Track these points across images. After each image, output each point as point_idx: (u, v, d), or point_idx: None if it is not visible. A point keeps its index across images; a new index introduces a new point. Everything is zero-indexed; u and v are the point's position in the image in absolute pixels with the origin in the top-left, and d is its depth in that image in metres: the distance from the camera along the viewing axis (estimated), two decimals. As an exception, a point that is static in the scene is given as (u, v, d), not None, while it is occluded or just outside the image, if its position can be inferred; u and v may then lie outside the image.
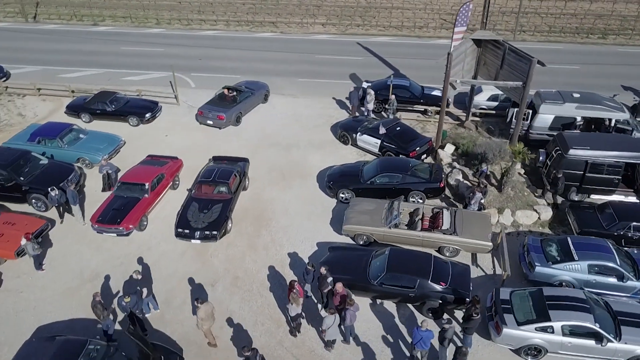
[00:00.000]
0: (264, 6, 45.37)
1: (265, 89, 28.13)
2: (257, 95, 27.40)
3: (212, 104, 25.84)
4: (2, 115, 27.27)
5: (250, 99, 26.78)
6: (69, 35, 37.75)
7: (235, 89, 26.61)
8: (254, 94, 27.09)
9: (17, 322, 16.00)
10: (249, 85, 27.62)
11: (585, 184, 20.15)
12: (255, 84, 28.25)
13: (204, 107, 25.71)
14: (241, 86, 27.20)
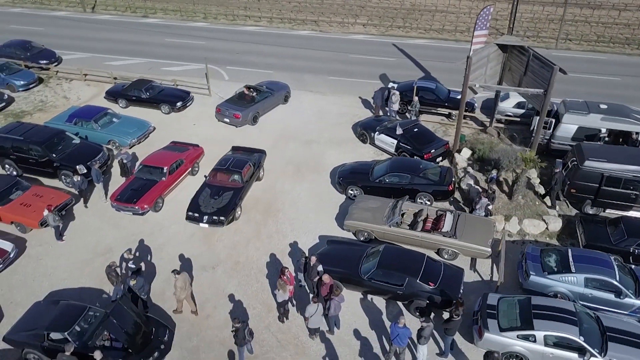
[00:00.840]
0: (309, 5, 46.08)
1: (285, 90, 28.22)
2: (277, 96, 27.58)
3: (231, 102, 26.27)
4: (48, 97, 29.28)
5: (269, 100, 27.03)
6: (120, 25, 39.79)
7: (256, 89, 27.00)
8: (273, 94, 27.26)
9: (33, 286, 17.36)
10: (270, 86, 27.81)
11: (601, 198, 19.57)
12: (276, 84, 28.46)
13: (222, 105, 26.19)
14: (262, 86, 27.52)
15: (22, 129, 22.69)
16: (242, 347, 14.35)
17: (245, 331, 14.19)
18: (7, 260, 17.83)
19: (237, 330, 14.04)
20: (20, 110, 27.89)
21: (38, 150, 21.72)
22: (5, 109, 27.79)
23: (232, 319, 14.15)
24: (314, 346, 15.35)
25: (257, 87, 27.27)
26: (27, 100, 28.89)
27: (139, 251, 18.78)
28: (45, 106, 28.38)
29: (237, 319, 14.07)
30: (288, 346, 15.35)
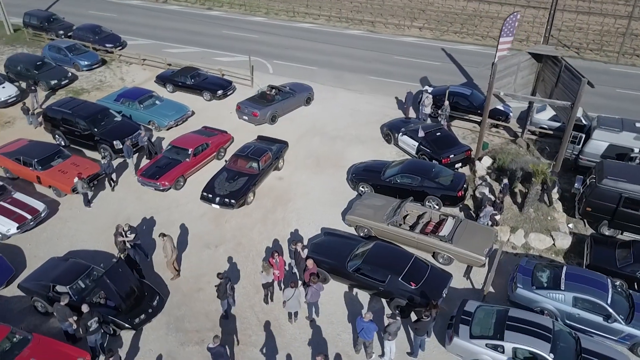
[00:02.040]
0: (370, 5, 46.38)
1: (308, 91, 28.32)
2: (298, 98, 27.66)
3: (251, 100, 26.67)
4: (107, 78, 31.74)
5: (289, 100, 27.18)
6: (185, 16, 42.09)
7: (278, 89, 27.49)
8: (294, 96, 27.44)
9: (56, 244, 19.20)
10: (293, 87, 28.13)
11: (618, 219, 18.67)
12: (300, 86, 28.71)
13: (242, 103, 26.58)
14: (285, 87, 27.96)
15: (72, 103, 24.93)
16: (224, 301, 15.49)
17: (227, 286, 15.37)
18: (38, 218, 19.80)
19: (220, 284, 15.18)
20: (81, 88, 30.48)
21: (82, 124, 23.79)
22: (68, 85, 30.47)
23: (217, 275, 15.39)
24: (291, 329, 15.95)
25: (280, 88, 27.63)
26: (88, 79, 31.49)
27: (152, 224, 20.19)
28: (102, 86, 30.81)
29: (220, 274, 15.31)
30: (266, 329, 16.03)
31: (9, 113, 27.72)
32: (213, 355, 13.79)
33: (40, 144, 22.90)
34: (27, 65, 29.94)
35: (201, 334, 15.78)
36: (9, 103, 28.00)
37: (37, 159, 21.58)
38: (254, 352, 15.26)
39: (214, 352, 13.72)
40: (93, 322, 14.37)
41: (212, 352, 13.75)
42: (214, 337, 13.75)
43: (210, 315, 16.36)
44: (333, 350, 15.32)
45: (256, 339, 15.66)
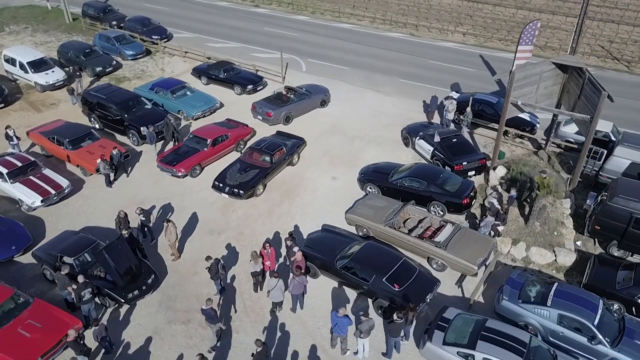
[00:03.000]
0: (417, 9, 46.06)
1: (324, 94, 28.39)
2: (314, 99, 27.79)
3: (267, 100, 27.04)
4: (149, 67, 33.37)
5: (304, 102, 27.37)
6: (231, 12, 43.42)
7: (294, 91, 27.80)
8: (310, 97, 27.60)
9: (74, 219, 20.56)
10: (309, 89, 28.33)
11: (627, 240, 17.88)
12: (316, 88, 28.80)
13: (258, 103, 26.92)
14: (302, 88, 28.23)
15: (107, 90, 26.47)
16: (216, 281, 16.31)
17: (219, 266, 16.17)
18: (62, 194, 21.25)
19: (211, 265, 16.03)
20: (123, 76, 32.22)
21: (114, 109, 25.23)
22: (112, 73, 32.27)
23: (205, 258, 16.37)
24: (274, 319, 16.39)
25: (296, 89, 27.93)
26: (131, 68, 33.22)
27: (164, 208, 21.21)
28: (143, 75, 32.43)
29: (210, 256, 16.28)
30: (251, 313, 16.58)
31: (56, 95, 29.74)
32: (205, 315, 14.79)
33: (74, 125, 24.49)
34: (77, 52, 31.96)
35: (189, 314, 16.52)
36: (57, 86, 30.04)
37: (68, 139, 23.14)
38: (235, 337, 15.82)
39: (206, 313, 14.77)
40: (86, 293, 15.40)
41: (204, 313, 14.79)
42: (207, 300, 14.80)
43: (200, 298, 17.05)
44: (310, 342, 15.64)
45: (239, 325, 16.21)
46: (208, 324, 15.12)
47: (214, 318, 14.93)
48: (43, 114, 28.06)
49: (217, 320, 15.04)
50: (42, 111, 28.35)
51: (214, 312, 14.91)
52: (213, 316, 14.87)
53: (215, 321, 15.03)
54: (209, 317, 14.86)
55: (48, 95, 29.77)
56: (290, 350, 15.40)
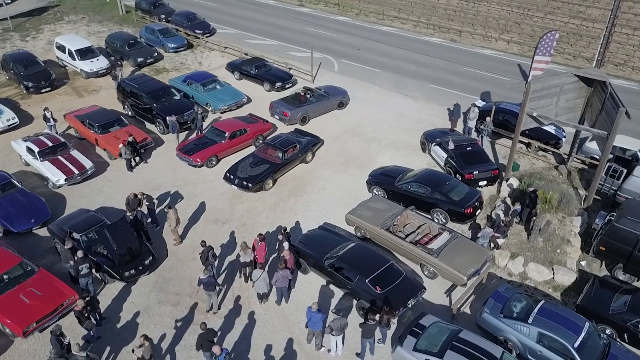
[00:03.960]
0: (464, 14, 45.25)
1: (342, 95, 28.46)
2: (331, 101, 27.89)
3: (284, 100, 27.33)
4: (188, 60, 34.68)
5: (322, 103, 27.51)
6: (275, 10, 44.22)
7: (313, 92, 27.94)
8: (327, 99, 27.75)
9: (93, 199, 21.81)
10: (328, 90, 28.42)
11: (633, 264, 17.07)
12: (335, 89, 28.85)
13: (276, 102, 27.22)
14: (320, 89, 28.38)
15: (141, 79, 27.82)
16: (207, 267, 16.90)
17: (209, 253, 16.78)
18: (85, 174, 22.57)
19: (202, 252, 16.70)
20: (162, 67, 33.67)
21: (144, 98, 26.48)
22: (152, 64, 33.78)
23: (200, 243, 17.12)
24: (257, 309, 16.84)
25: (314, 90, 28.10)
26: (171, 60, 34.65)
27: (175, 195, 22.11)
28: (181, 67, 33.75)
29: (204, 242, 16.96)
30: (237, 303, 17.09)
31: (98, 82, 31.48)
32: (204, 285, 15.86)
33: (105, 111, 25.91)
34: (122, 42, 33.68)
35: (179, 297, 17.25)
36: (100, 74, 31.78)
37: (98, 124, 24.53)
38: (217, 322, 16.38)
39: (204, 282, 15.79)
40: (84, 267, 16.40)
41: (203, 282, 15.81)
42: (204, 269, 16.07)
43: (193, 283, 17.72)
44: (288, 336, 15.97)
45: (224, 311, 16.77)
46: (206, 292, 16.19)
47: (212, 286, 16.03)
48: (84, 99, 29.79)
49: (214, 287, 16.14)
50: (84, 96, 30.10)
51: (213, 280, 15.96)
52: (212, 284, 15.95)
53: (213, 289, 16.14)
54: (206, 286, 15.91)
55: (91, 81, 31.56)
56: (267, 342, 15.78)
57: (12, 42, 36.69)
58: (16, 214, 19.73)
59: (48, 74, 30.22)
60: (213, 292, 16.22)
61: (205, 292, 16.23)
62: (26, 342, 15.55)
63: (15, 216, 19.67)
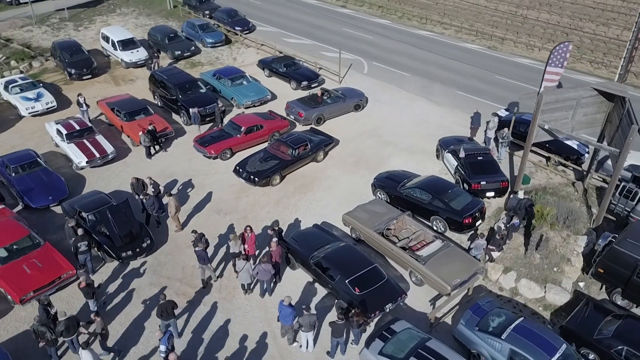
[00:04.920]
0: (510, 22, 43.97)
1: (358, 98, 28.43)
2: (347, 103, 27.96)
3: (300, 101, 27.56)
4: (223, 56, 35.69)
5: (338, 105, 27.62)
6: (317, 10, 44.52)
7: (330, 93, 28.00)
8: (344, 101, 27.83)
9: (110, 182, 22.98)
10: (345, 92, 28.42)
11: (631, 290, 16.24)
12: (353, 91, 28.83)
13: (292, 102, 27.51)
14: (338, 91, 28.39)
15: (171, 71, 28.97)
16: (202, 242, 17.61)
17: (202, 239, 17.40)
18: (105, 158, 23.80)
19: (195, 239, 17.40)
20: (198, 61, 34.84)
21: (172, 90, 27.57)
22: (189, 57, 35.01)
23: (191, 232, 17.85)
24: (240, 299, 17.29)
25: (331, 92, 28.15)
26: (207, 55, 35.78)
27: (186, 183, 22.94)
28: (216, 62, 34.80)
29: (195, 231, 17.71)
30: (223, 291, 17.62)
31: (135, 73, 32.97)
32: (197, 256, 17.03)
33: (133, 100, 27.17)
34: (162, 35, 35.12)
35: (169, 281, 17.96)
36: (138, 64, 33.27)
37: (124, 111, 25.79)
38: (200, 309, 16.95)
39: (198, 253, 16.95)
40: (82, 245, 17.41)
41: (197, 254, 17.00)
42: (199, 243, 17.07)
43: (185, 269, 18.44)
44: (265, 328, 16.31)
45: (208, 298, 17.32)
46: (200, 265, 17.23)
47: (205, 259, 17.04)
48: (120, 87, 31.32)
49: (207, 261, 17.21)
50: (120, 85, 31.64)
51: (205, 254, 16.97)
52: (204, 257, 16.98)
53: (206, 262, 17.17)
54: (200, 259, 17.00)
55: (130, 71, 33.10)
56: (244, 332, 16.18)
57: (65, 31, 39.02)
58: (36, 191, 21.11)
59: (90, 62, 31.95)
60: (205, 265, 17.16)
61: (200, 265, 17.21)
62: (24, 310, 16.68)
63: (35, 193, 21.06)
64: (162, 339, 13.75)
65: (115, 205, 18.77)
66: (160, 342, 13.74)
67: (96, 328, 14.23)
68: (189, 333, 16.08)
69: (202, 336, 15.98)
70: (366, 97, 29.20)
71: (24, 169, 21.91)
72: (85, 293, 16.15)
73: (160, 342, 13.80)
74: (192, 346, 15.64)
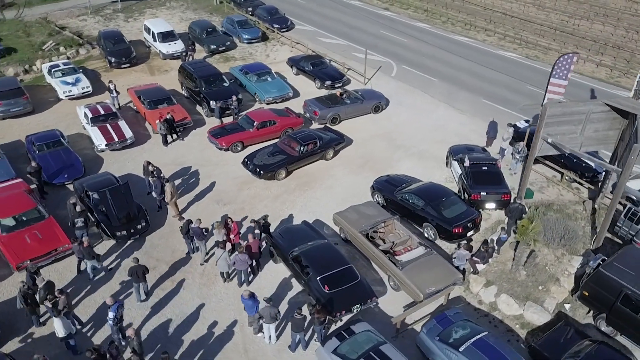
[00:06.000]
0: (558, 32, 42.20)
1: (377, 100, 28.30)
2: (365, 104, 27.99)
3: (318, 100, 27.82)
4: (257, 52, 36.48)
5: (354, 106, 27.69)
6: (359, 11, 44.40)
7: (349, 94, 27.97)
8: (362, 102, 27.87)
9: (124, 165, 24.14)
10: (364, 94, 28.34)
11: (614, 316, 15.41)
12: (372, 93, 28.75)
13: (309, 101, 27.83)
14: (357, 92, 28.35)
15: (198, 64, 30.04)
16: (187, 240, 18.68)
17: (190, 225, 18.22)
18: (124, 142, 25.03)
19: (183, 225, 18.36)
20: (232, 56, 35.82)
21: (197, 82, 28.59)
22: (224, 52, 36.07)
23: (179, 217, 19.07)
24: (218, 287, 17.81)
25: (350, 93, 28.17)
26: (242, 50, 36.70)
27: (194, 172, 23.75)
28: (249, 57, 35.62)
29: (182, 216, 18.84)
30: (204, 277, 18.21)
31: (171, 64, 34.32)
32: (193, 232, 18.13)
33: (159, 89, 28.37)
34: (201, 30, 36.39)
35: (157, 263, 18.74)
36: (175, 56, 34.64)
37: (148, 100, 27.01)
38: (180, 291, 17.61)
39: (194, 229, 18.05)
40: (79, 221, 18.51)
41: (192, 229, 18.07)
42: (197, 219, 18.34)
43: (175, 254, 19.18)
44: (236, 317, 16.71)
45: (189, 283, 17.95)
46: (197, 240, 18.33)
47: (200, 235, 18.17)
48: (155, 77, 32.75)
49: (203, 237, 18.25)
50: (155, 75, 33.09)
51: (200, 230, 18.08)
52: (199, 234, 18.13)
53: (201, 238, 18.17)
54: (196, 234, 18.07)
55: (166, 62, 34.52)
56: (215, 318, 16.67)
57: (116, 21, 41.16)
58: (55, 168, 22.54)
59: (129, 52, 33.60)
60: (201, 241, 18.27)
61: (196, 240, 18.43)
62: (21, 276, 17.88)
63: (53, 170, 22.48)
64: (112, 307, 14.51)
65: (115, 186, 19.79)
66: (110, 310, 14.51)
67: (59, 305, 15.06)
68: (163, 313, 16.76)
69: (173, 317, 16.62)
70: (386, 100, 29.11)
71: (48, 147, 23.42)
72: (87, 253, 17.34)
73: (109, 310, 14.56)
74: (162, 326, 16.30)
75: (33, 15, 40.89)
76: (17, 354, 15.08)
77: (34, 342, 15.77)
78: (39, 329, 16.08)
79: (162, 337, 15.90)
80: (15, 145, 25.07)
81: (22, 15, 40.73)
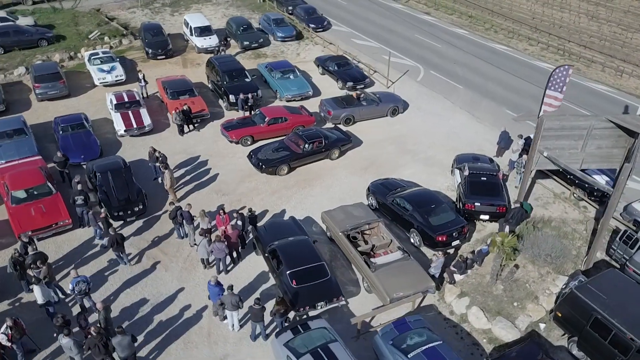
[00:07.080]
0: (608, 44, 40.20)
1: (395, 104, 28.07)
2: (381, 107, 27.92)
3: (333, 99, 28.00)
4: (289, 50, 37.05)
5: (370, 108, 27.66)
6: (399, 15, 44.10)
7: (366, 96, 27.93)
8: (377, 104, 27.79)
9: (138, 150, 25.29)
10: (382, 96, 28.23)
11: (584, 341, 14.75)
12: (390, 96, 28.67)
13: (325, 100, 28.04)
14: (376, 94, 28.25)
15: (224, 59, 30.99)
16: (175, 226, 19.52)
17: (177, 212, 19.03)
18: (142, 129, 26.26)
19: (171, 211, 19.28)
20: (263, 53, 36.60)
21: (219, 75, 29.54)
22: (256, 48, 36.92)
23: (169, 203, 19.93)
24: (199, 272, 18.44)
25: (368, 94, 28.13)
26: (275, 48, 37.40)
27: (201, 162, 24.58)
28: (280, 55, 36.26)
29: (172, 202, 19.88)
30: (187, 262, 18.90)
31: (204, 57, 35.28)
32: (184, 216, 18.93)
33: (184, 81, 29.47)
34: (237, 26, 37.45)
35: (147, 244, 19.63)
36: (209, 50, 35.84)
37: (171, 91, 28.19)
38: (162, 274, 18.38)
39: (185, 214, 18.91)
40: (79, 199, 19.70)
41: (183, 214, 18.90)
42: (186, 204, 19.56)
43: (165, 238, 19.97)
44: (208, 302, 17.22)
45: (172, 266, 18.70)
46: (186, 224, 19.10)
47: (189, 219, 18.99)
48: (186, 69, 34.05)
49: (191, 222, 19.00)
50: (187, 67, 34.37)
51: (190, 215, 18.94)
52: (188, 217, 18.97)
53: (189, 222, 18.95)
54: (185, 218, 18.92)
55: (200, 56, 35.74)
56: (188, 302, 17.29)
57: (162, 15, 42.99)
58: (74, 149, 24.01)
59: (166, 44, 35.08)
60: (189, 225, 19.12)
61: (185, 223, 19.20)
62: (20, 245, 19.31)
63: (72, 150, 23.95)
64: (73, 280, 15.41)
65: (117, 169, 20.89)
66: (70, 282, 15.43)
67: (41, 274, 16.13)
68: (141, 292, 17.58)
69: (150, 297, 17.39)
70: (404, 103, 28.90)
71: (71, 128, 24.99)
72: (104, 222, 18.73)
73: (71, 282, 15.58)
74: (137, 304, 17.10)
75: (89, 6, 43.44)
76: (3, 315, 16.31)
77: (20, 306, 16.99)
78: (27, 295, 17.29)
79: (133, 315, 16.69)
80: (46, 125, 26.81)
81: (80, 6, 43.38)
